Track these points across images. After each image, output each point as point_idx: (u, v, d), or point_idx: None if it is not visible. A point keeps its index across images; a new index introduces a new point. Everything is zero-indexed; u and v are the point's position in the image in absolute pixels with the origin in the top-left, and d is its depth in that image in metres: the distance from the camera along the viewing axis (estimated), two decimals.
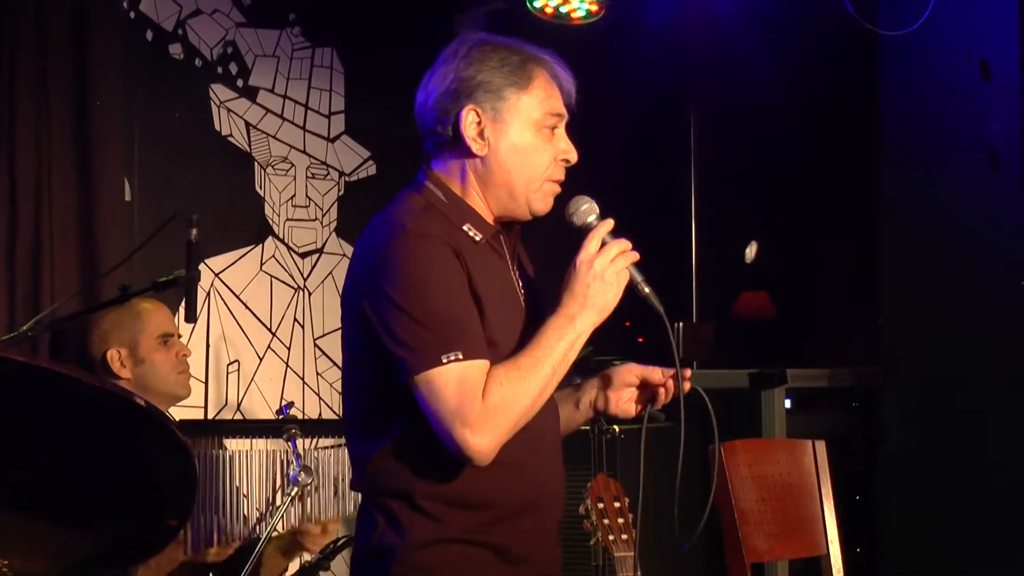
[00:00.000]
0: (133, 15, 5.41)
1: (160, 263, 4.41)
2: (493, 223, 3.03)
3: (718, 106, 6.46)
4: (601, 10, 5.68)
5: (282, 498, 4.18)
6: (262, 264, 5.74)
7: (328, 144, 5.98)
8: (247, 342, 5.65)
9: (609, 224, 2.98)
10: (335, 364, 5.87)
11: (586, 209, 3.02)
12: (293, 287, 5.83)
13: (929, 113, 5.18)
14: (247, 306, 5.67)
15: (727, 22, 6.09)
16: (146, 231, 5.04)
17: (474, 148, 2.99)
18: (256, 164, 5.76)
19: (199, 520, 4.12)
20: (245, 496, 4.19)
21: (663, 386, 3.12)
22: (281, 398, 5.63)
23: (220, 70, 5.66)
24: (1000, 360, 4.93)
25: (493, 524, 2.96)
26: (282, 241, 5.80)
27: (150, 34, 5.47)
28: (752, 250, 6.46)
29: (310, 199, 5.89)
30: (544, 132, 3.01)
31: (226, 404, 5.56)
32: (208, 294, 5.54)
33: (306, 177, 5.89)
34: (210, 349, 5.50)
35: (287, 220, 5.83)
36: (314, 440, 4.26)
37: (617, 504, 3.23)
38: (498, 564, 2.97)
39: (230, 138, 5.69)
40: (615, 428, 4.84)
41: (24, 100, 4.93)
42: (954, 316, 5.08)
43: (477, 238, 2.99)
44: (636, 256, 2.97)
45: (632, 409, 3.16)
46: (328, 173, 5.95)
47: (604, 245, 2.95)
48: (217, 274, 5.59)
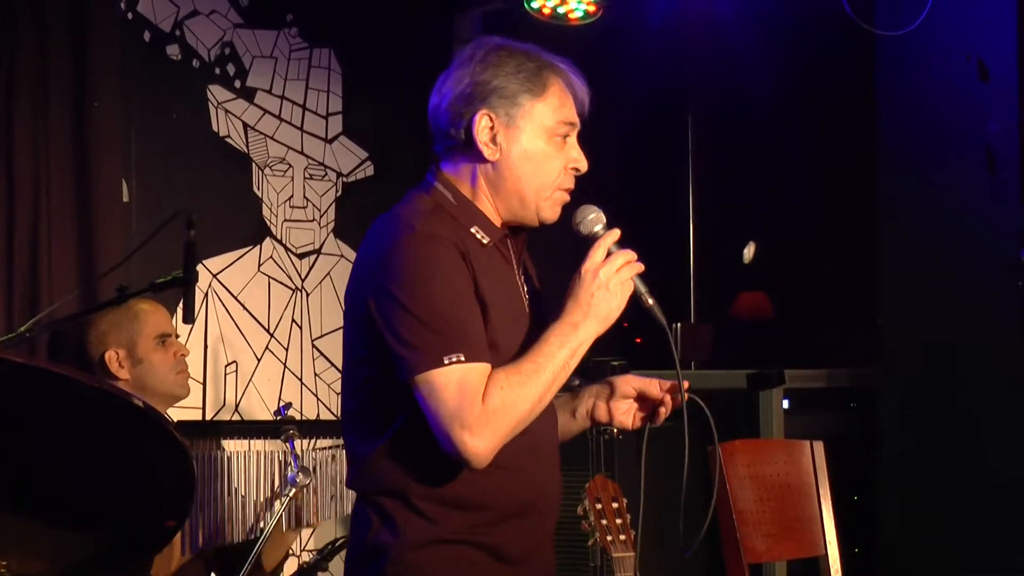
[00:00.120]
0: (131, 16, 5.41)
1: (158, 264, 4.41)
2: (501, 227, 3.04)
3: (716, 107, 6.46)
4: (599, 11, 5.68)
5: (280, 499, 4.17)
6: (260, 265, 5.74)
7: (326, 145, 5.97)
8: (245, 343, 5.65)
9: (616, 234, 2.98)
10: (333, 365, 5.87)
11: (593, 218, 3.02)
12: (291, 288, 5.82)
13: (927, 114, 5.18)
14: (245, 307, 5.67)
15: (724, 23, 6.10)
16: (144, 232, 5.04)
17: (486, 153, 2.99)
18: (254, 165, 5.75)
19: (197, 521, 4.12)
20: (243, 497, 4.19)
21: (662, 403, 3.12)
22: (279, 399, 5.63)
23: (218, 71, 5.66)
24: (998, 361, 4.93)
25: (489, 525, 2.96)
26: (280, 242, 5.80)
27: (148, 35, 5.46)
28: (750, 251, 6.46)
29: (308, 200, 5.89)
30: (556, 140, 3.01)
31: (224, 405, 5.56)
32: (206, 295, 5.53)
33: (304, 178, 5.89)
34: (208, 350, 5.50)
35: (285, 221, 5.82)
36: (312, 441, 4.27)
37: (615, 504, 3.23)
38: (493, 565, 2.97)
39: (228, 139, 5.69)
40: (613, 429, 4.84)
41: (22, 101, 4.93)
42: (952, 317, 5.08)
43: (485, 241, 2.99)
44: (641, 267, 2.97)
45: (629, 421, 3.16)
46: (326, 174, 5.95)
47: (610, 255, 2.95)
48: (215, 275, 5.58)
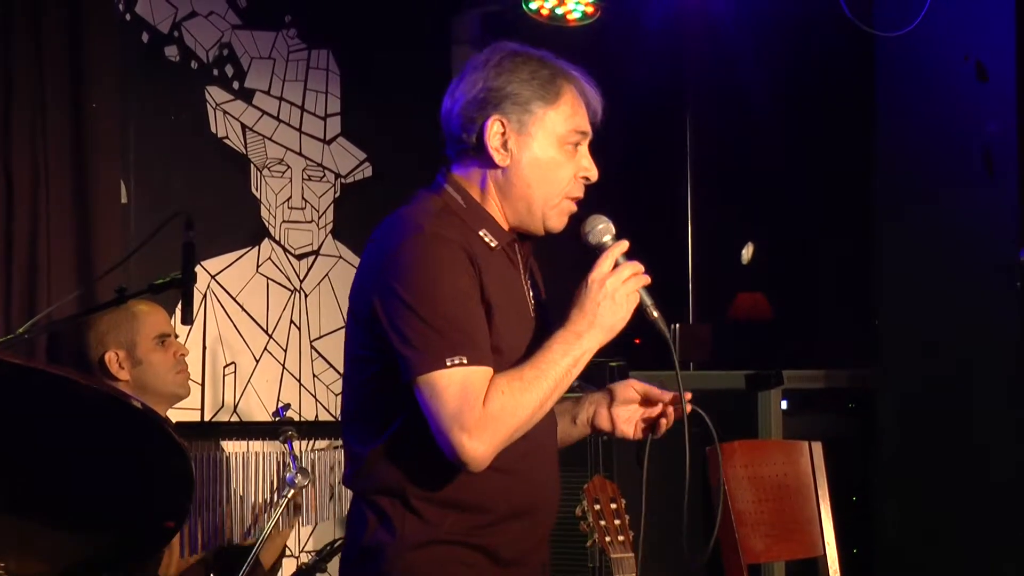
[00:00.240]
0: (129, 17, 5.41)
1: (156, 265, 4.42)
2: (509, 231, 3.03)
3: (714, 107, 6.46)
4: (597, 12, 5.69)
5: (278, 500, 4.17)
6: (258, 266, 5.74)
7: (324, 146, 5.97)
8: (243, 344, 5.65)
9: (624, 245, 2.98)
10: (332, 366, 5.87)
11: (602, 228, 3.02)
12: (289, 289, 5.82)
13: (925, 114, 5.18)
14: (243, 308, 5.67)
15: (722, 23, 6.09)
16: (142, 233, 5.04)
17: (496, 159, 2.99)
18: (252, 166, 5.75)
19: (196, 522, 4.11)
20: (242, 498, 4.19)
21: (664, 415, 3.13)
22: (278, 400, 5.61)
23: (216, 72, 5.66)
24: (997, 362, 4.93)
25: (485, 527, 2.96)
26: (278, 243, 5.80)
27: (146, 36, 5.47)
28: (748, 251, 6.46)
29: (306, 201, 5.89)
30: (567, 148, 3.01)
31: (222, 406, 5.56)
32: (204, 296, 5.53)
33: (302, 179, 5.89)
34: (206, 351, 5.50)
35: (283, 222, 5.82)
36: (311, 442, 4.26)
37: (614, 505, 3.22)
38: (489, 567, 2.97)
39: (226, 140, 5.69)
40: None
41: (20, 102, 4.93)
42: (951, 317, 5.08)
43: (493, 244, 2.99)
44: (648, 280, 2.97)
45: (631, 431, 3.16)
46: (324, 175, 5.95)
47: (617, 265, 2.96)
48: (213, 276, 5.59)
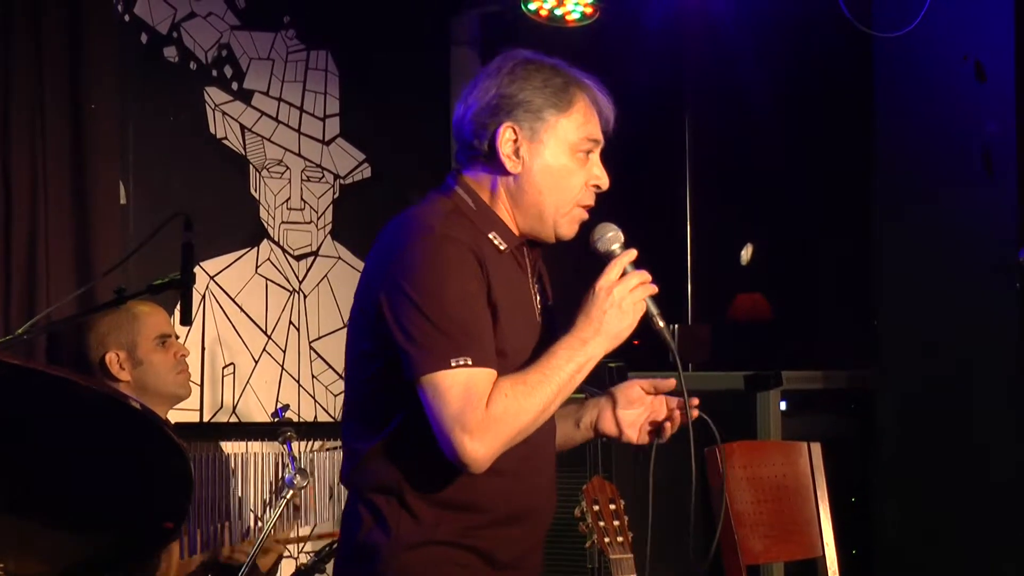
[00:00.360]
0: (127, 18, 5.41)
1: (155, 266, 4.42)
2: (518, 235, 3.04)
3: (713, 108, 6.46)
4: (595, 12, 5.69)
5: (277, 501, 4.17)
6: (257, 267, 5.74)
7: (323, 147, 5.97)
8: (242, 345, 5.65)
9: (632, 254, 2.98)
10: (330, 367, 5.87)
11: (611, 237, 3.02)
12: (288, 290, 5.82)
13: (924, 114, 5.18)
14: (242, 309, 5.67)
15: (722, 24, 6.09)
16: (141, 234, 5.04)
17: (508, 165, 2.99)
18: (251, 167, 5.75)
19: (195, 523, 4.11)
20: (241, 499, 4.19)
21: (669, 418, 3.13)
22: (276, 401, 5.62)
23: (215, 73, 5.66)
24: (996, 362, 4.92)
25: (480, 529, 2.96)
26: (277, 244, 5.80)
27: (144, 37, 5.46)
28: (747, 252, 6.46)
29: (305, 202, 5.89)
30: (579, 156, 3.02)
31: (221, 407, 5.56)
32: (203, 297, 5.53)
33: (301, 180, 5.89)
34: (205, 352, 5.50)
35: (282, 223, 5.82)
36: (309, 443, 4.26)
37: (612, 506, 3.22)
38: (484, 568, 2.97)
39: (225, 141, 5.69)
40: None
41: (19, 103, 4.93)
42: (950, 318, 5.08)
43: (502, 247, 2.99)
44: (655, 289, 2.98)
45: (635, 435, 3.16)
46: (323, 176, 5.95)
47: (625, 274, 2.96)
48: (212, 277, 5.59)
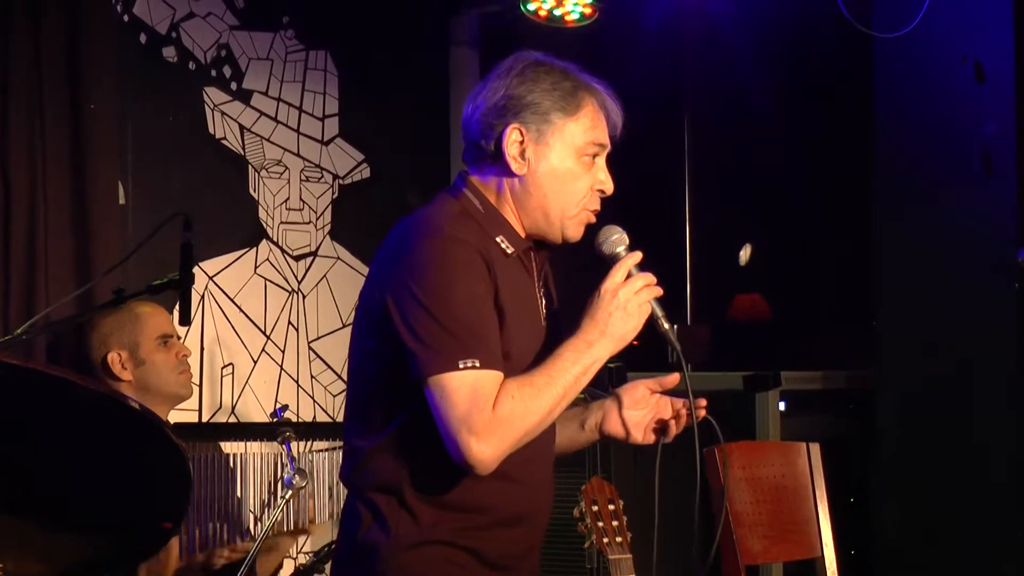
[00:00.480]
0: (127, 18, 5.41)
1: (155, 266, 4.42)
2: (525, 238, 3.05)
3: (713, 108, 6.46)
4: (595, 12, 5.69)
5: (277, 501, 4.17)
6: (256, 267, 5.74)
7: (322, 147, 5.97)
8: (241, 345, 5.65)
9: (637, 256, 2.99)
10: (329, 367, 5.87)
11: (616, 239, 3.03)
12: (287, 290, 5.82)
13: (924, 115, 5.18)
14: (241, 309, 5.67)
15: (721, 24, 6.09)
16: (141, 234, 5.04)
17: (513, 167, 3.00)
18: (250, 167, 5.75)
19: (194, 523, 4.11)
20: (240, 499, 4.18)
21: (675, 416, 3.13)
22: (275, 401, 5.63)
23: (214, 73, 5.65)
24: (995, 363, 4.93)
25: (478, 530, 2.97)
26: (276, 244, 5.80)
27: (143, 37, 5.46)
28: (746, 252, 6.46)
29: (304, 202, 5.89)
30: (585, 160, 3.02)
31: (220, 407, 5.55)
32: (202, 297, 5.53)
33: (300, 180, 5.89)
34: (204, 352, 5.50)
35: (281, 223, 5.82)
36: (309, 443, 4.26)
37: (611, 507, 3.23)
38: (480, 569, 2.98)
39: (224, 141, 5.69)
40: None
41: (18, 103, 4.92)
42: (949, 318, 5.08)
43: (509, 251, 3.00)
44: (660, 291, 2.98)
45: (641, 436, 3.16)
46: (322, 176, 5.95)
47: (630, 276, 2.97)
48: (211, 277, 5.58)
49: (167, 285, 3.67)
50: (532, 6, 5.68)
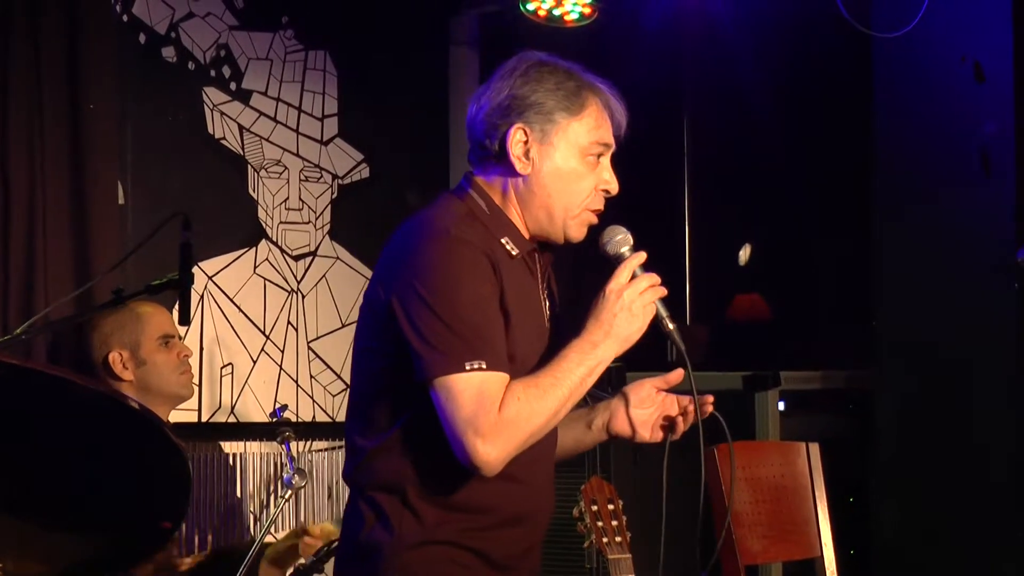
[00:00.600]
0: (126, 18, 5.41)
1: (154, 266, 4.42)
2: (529, 240, 3.05)
3: (712, 108, 6.46)
4: (594, 12, 5.69)
5: (276, 501, 4.17)
6: (255, 267, 5.74)
7: (321, 147, 5.97)
8: (241, 345, 5.65)
9: (642, 257, 2.99)
10: (329, 367, 5.87)
11: (620, 239, 3.03)
12: (287, 290, 5.82)
13: (923, 115, 5.18)
14: (241, 309, 5.67)
15: (721, 24, 6.09)
16: (140, 234, 5.04)
17: (517, 167, 3.00)
18: (249, 167, 5.75)
19: (193, 523, 4.11)
20: (239, 499, 4.19)
21: (683, 413, 3.13)
22: (275, 401, 5.62)
23: (213, 73, 5.65)
24: (995, 363, 4.93)
25: (481, 530, 2.97)
26: (275, 244, 5.80)
27: (143, 37, 5.46)
28: (745, 252, 6.46)
29: (303, 202, 5.89)
30: (589, 160, 3.02)
31: (220, 407, 5.55)
32: (202, 297, 5.53)
33: (299, 180, 5.89)
34: (204, 352, 5.50)
35: (280, 223, 5.82)
36: (308, 443, 4.27)
37: (611, 506, 3.23)
38: (483, 569, 2.98)
39: (223, 141, 5.69)
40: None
41: (17, 103, 4.92)
42: (949, 318, 5.08)
43: (513, 252, 3.00)
44: (665, 291, 2.98)
45: (648, 434, 3.16)
46: (321, 176, 5.95)
47: (634, 277, 2.96)
48: (211, 277, 5.58)
49: (166, 285, 3.67)
50: (532, 6, 5.69)
